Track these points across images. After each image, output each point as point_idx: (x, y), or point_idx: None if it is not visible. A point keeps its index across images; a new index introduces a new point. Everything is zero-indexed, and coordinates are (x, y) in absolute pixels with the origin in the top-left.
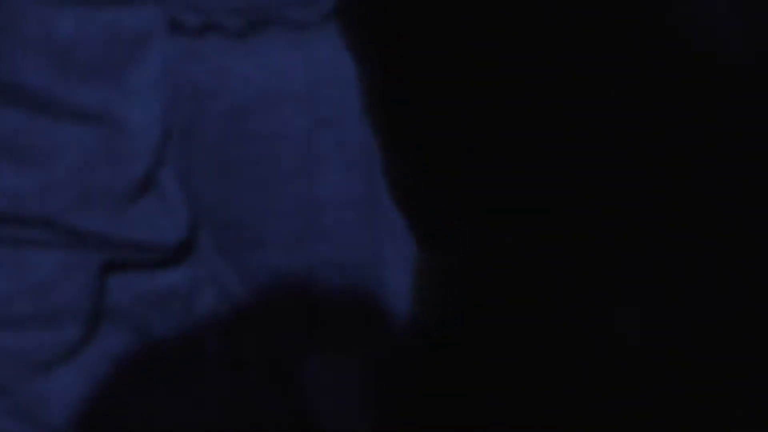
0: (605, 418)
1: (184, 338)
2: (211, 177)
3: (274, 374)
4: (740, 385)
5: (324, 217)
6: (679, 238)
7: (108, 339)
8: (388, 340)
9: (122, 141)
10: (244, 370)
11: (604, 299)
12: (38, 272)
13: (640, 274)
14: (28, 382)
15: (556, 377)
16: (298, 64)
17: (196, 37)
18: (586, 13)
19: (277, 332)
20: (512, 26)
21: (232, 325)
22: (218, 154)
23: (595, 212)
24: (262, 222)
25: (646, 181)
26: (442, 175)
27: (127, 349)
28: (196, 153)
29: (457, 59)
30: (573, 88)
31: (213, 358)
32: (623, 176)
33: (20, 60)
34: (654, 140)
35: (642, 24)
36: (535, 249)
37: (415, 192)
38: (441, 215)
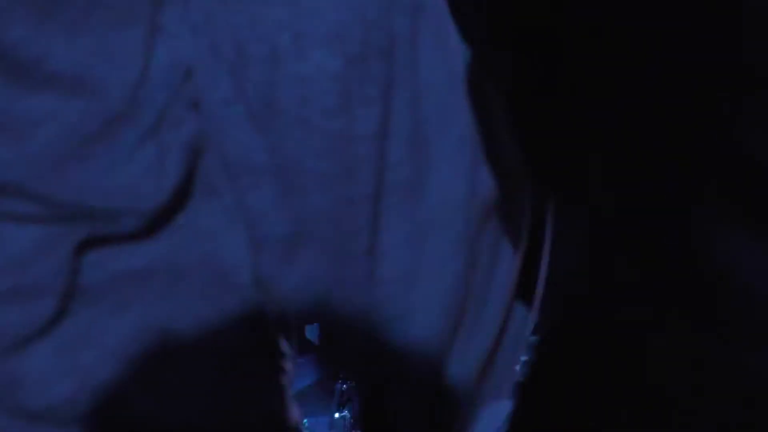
0: None
1: (165, 322)
2: (261, 122)
3: (266, 374)
4: None
5: (359, 149)
6: None
7: (82, 317)
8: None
9: (102, 108)
10: (231, 367)
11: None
12: (14, 247)
13: None
14: (3, 361)
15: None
16: (324, 3)
17: None
18: None
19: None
20: None
21: (224, 312)
22: (264, 98)
23: None
24: (306, 162)
25: None
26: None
27: (103, 330)
28: (245, 99)
29: None
30: None
31: (194, 348)
32: None
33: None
34: None
35: None
36: None
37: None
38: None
